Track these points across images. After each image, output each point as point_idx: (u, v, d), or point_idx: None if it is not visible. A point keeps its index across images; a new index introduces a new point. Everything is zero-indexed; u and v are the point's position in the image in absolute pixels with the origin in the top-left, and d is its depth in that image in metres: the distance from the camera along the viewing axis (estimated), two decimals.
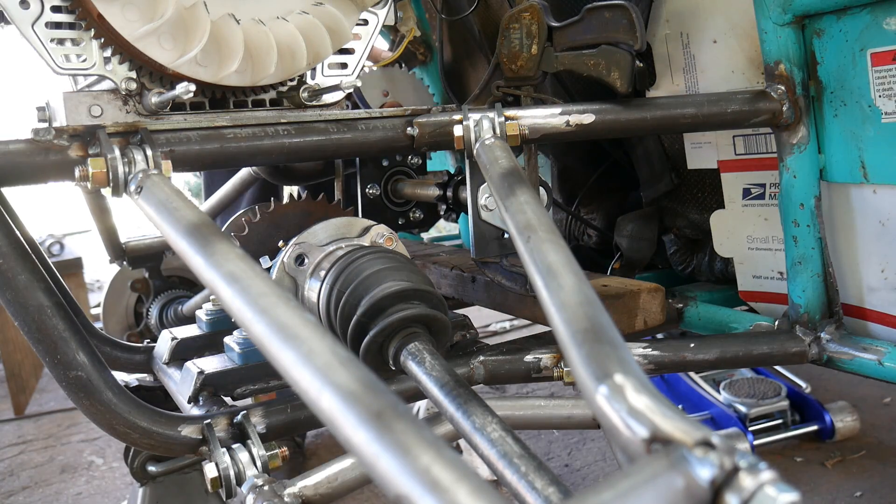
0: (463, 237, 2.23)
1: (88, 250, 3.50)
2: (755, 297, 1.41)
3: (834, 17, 1.12)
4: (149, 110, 1.03)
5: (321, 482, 0.93)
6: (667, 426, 0.49)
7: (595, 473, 2.11)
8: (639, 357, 1.14)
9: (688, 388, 2.28)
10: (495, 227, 1.11)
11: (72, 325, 0.89)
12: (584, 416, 1.10)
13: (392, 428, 0.48)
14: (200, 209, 0.79)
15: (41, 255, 1.29)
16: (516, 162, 0.98)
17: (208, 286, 0.70)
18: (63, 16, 0.98)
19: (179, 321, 1.72)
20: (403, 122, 1.08)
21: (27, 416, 2.90)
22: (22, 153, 0.87)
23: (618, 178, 1.78)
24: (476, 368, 1.13)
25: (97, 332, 1.40)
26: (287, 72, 1.10)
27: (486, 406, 0.80)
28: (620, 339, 0.60)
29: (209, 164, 0.98)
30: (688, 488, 0.45)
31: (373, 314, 0.92)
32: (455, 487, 0.44)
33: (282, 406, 0.99)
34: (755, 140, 1.34)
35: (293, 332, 0.59)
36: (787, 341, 1.19)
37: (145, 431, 0.93)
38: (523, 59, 1.17)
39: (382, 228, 1.11)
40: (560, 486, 0.67)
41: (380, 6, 1.22)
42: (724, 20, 1.30)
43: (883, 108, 1.10)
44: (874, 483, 1.91)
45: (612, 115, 1.12)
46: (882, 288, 1.17)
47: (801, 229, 1.19)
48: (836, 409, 2.13)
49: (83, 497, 2.23)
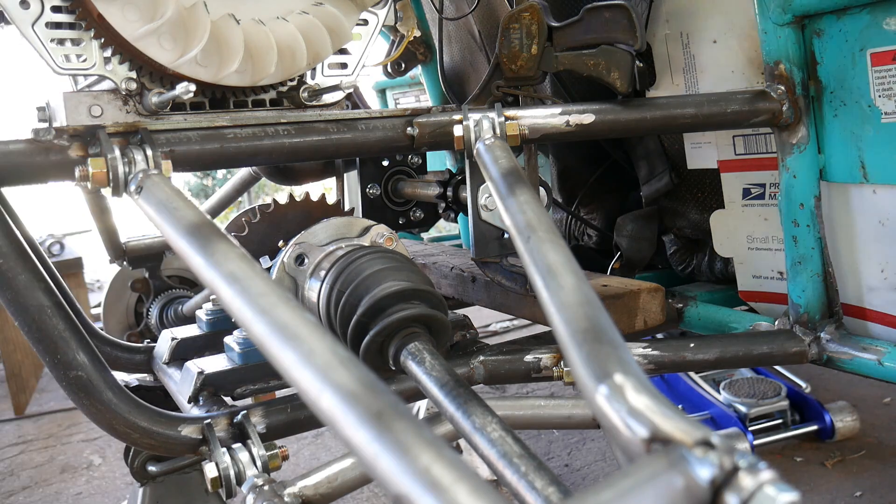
0: (463, 237, 2.22)
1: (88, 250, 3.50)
2: (755, 297, 1.41)
3: (834, 17, 1.12)
4: (149, 110, 1.03)
5: (321, 482, 0.93)
6: (667, 426, 0.50)
7: (595, 473, 2.11)
8: (639, 357, 1.14)
9: (688, 388, 2.28)
10: (495, 227, 1.11)
11: (72, 325, 0.89)
12: (584, 416, 1.10)
13: (392, 428, 0.48)
14: (200, 209, 0.79)
15: (41, 255, 1.29)
16: (516, 162, 0.98)
17: (208, 286, 0.70)
18: (63, 16, 0.98)
19: (179, 321, 1.72)
20: (403, 121, 1.08)
21: (27, 416, 2.90)
22: (22, 153, 0.87)
23: (618, 178, 1.78)
24: (476, 368, 1.13)
25: (97, 332, 1.40)
26: (287, 72, 1.10)
27: (486, 406, 0.80)
28: (620, 339, 0.60)
29: (209, 164, 0.98)
30: (687, 488, 0.45)
31: (373, 314, 0.92)
32: (455, 487, 0.44)
33: (282, 406, 0.99)
34: (755, 140, 1.34)
35: (293, 332, 0.59)
36: (787, 341, 1.19)
37: (145, 431, 0.93)
38: (523, 59, 1.17)
39: (382, 228, 1.11)
40: (560, 486, 0.67)
41: (380, 6, 1.22)
42: (724, 20, 1.30)
43: (883, 108, 1.10)
44: (874, 483, 1.91)
45: (612, 115, 1.13)
46: (882, 288, 1.17)
47: (800, 229, 1.19)
48: (836, 409, 2.13)
49: (83, 497, 2.23)
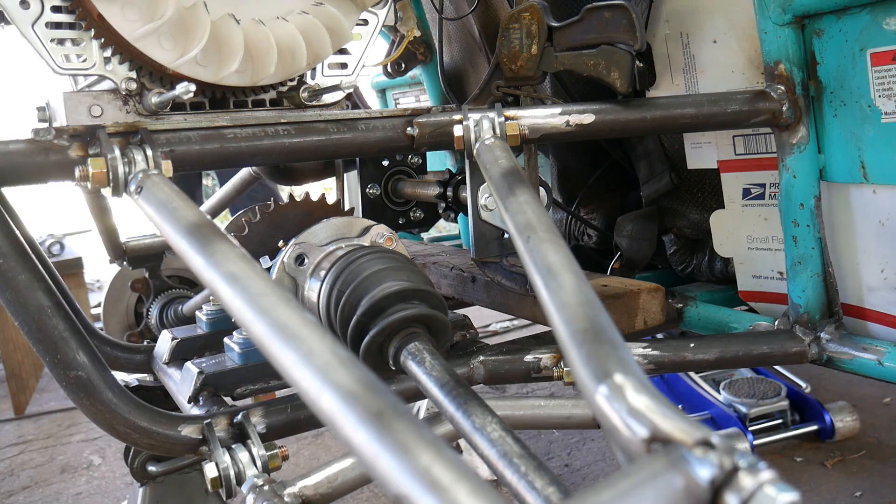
0: (463, 237, 2.22)
1: (88, 250, 3.50)
2: (755, 297, 1.41)
3: (834, 17, 1.12)
4: (149, 110, 1.03)
5: (321, 482, 0.93)
6: (666, 426, 0.50)
7: (595, 473, 2.11)
8: (639, 357, 1.14)
9: (688, 388, 2.28)
10: (495, 227, 1.11)
11: (72, 325, 0.89)
12: (584, 416, 1.10)
13: (392, 428, 0.48)
14: (200, 209, 0.79)
15: (41, 255, 1.29)
16: (516, 162, 0.98)
17: (208, 286, 0.70)
18: (63, 16, 0.98)
19: (179, 321, 1.72)
20: (403, 122, 1.08)
21: (27, 416, 2.90)
22: (22, 153, 0.87)
23: (618, 178, 1.78)
24: (476, 368, 1.13)
25: (97, 333, 1.40)
26: (287, 72, 1.10)
27: (486, 406, 0.80)
28: (620, 339, 0.60)
29: (209, 164, 0.98)
30: (687, 488, 0.45)
31: (373, 314, 0.92)
32: (455, 487, 0.44)
33: (282, 406, 0.99)
34: (755, 140, 1.34)
35: (293, 332, 0.59)
36: (787, 341, 1.19)
37: (145, 431, 0.93)
38: (523, 59, 1.17)
39: (382, 228, 1.11)
40: (560, 486, 0.67)
41: (380, 6, 1.22)
42: (724, 20, 1.30)
43: (883, 108, 1.10)
44: (874, 483, 1.91)
45: (612, 115, 1.12)
46: (882, 288, 1.17)
47: (800, 229, 1.19)
48: (836, 409, 2.13)
49: (83, 497, 2.23)
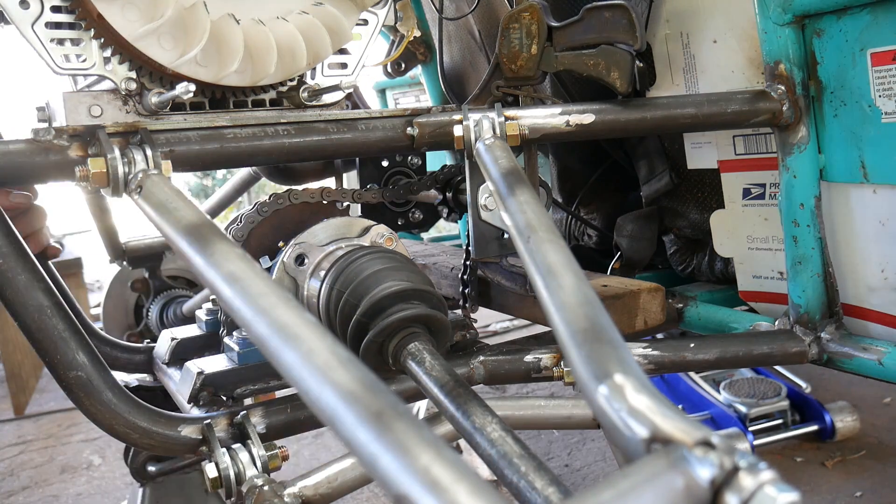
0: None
1: (88, 250, 3.50)
2: (755, 297, 1.41)
3: (834, 17, 1.12)
4: (149, 110, 1.03)
5: (321, 482, 0.93)
6: (667, 426, 0.49)
7: (595, 473, 2.11)
8: (639, 357, 1.14)
9: (688, 388, 2.28)
10: (495, 227, 1.11)
11: (72, 325, 0.89)
12: (584, 416, 1.10)
13: (392, 428, 0.48)
14: (200, 209, 0.79)
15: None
16: (516, 162, 0.98)
17: (208, 286, 0.70)
18: (63, 16, 0.97)
19: (179, 321, 1.72)
20: (403, 122, 1.08)
21: (27, 416, 2.90)
22: (22, 153, 0.87)
23: (618, 178, 1.78)
24: (476, 368, 1.13)
25: (97, 333, 1.40)
26: (287, 72, 1.10)
27: (486, 406, 0.80)
28: (620, 339, 0.60)
29: (209, 164, 0.98)
30: (688, 488, 0.45)
31: (373, 314, 0.92)
32: (455, 487, 0.44)
33: (282, 406, 0.99)
34: (755, 140, 1.34)
35: (293, 332, 0.59)
36: (787, 341, 1.19)
37: (145, 431, 0.93)
38: (523, 59, 1.17)
39: (382, 228, 1.11)
40: (560, 486, 0.67)
41: (380, 6, 1.22)
42: (724, 20, 1.30)
43: (883, 108, 1.10)
44: (874, 483, 1.91)
45: (612, 115, 1.12)
46: (882, 288, 1.17)
47: (801, 229, 1.19)
48: (836, 409, 2.13)
49: (83, 497, 2.23)
